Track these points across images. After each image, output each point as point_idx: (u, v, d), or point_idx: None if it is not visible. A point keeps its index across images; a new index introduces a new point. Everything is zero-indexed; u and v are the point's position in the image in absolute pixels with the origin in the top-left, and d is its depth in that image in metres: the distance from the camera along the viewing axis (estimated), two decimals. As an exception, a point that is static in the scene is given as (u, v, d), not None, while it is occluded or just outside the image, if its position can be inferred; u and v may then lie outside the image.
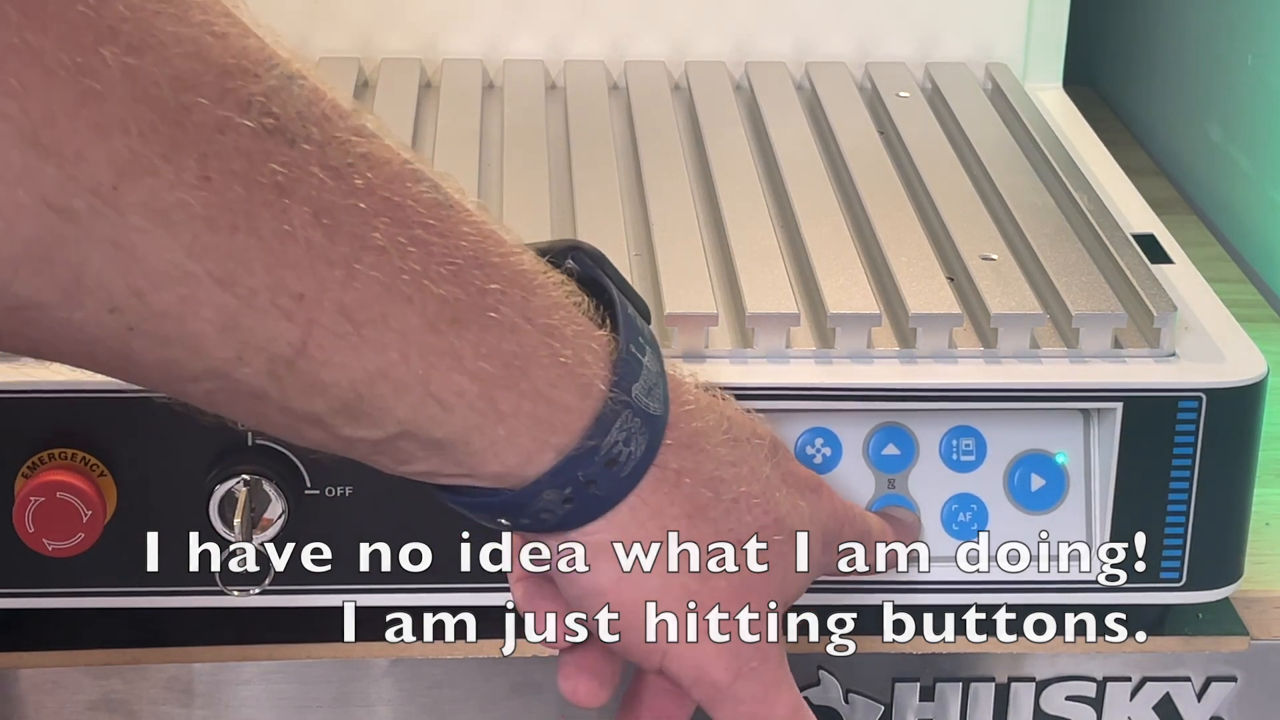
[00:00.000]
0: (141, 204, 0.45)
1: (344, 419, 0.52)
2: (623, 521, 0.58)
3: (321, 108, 0.50)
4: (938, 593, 0.75)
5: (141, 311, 0.47)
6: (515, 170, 0.87)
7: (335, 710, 0.76)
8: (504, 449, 0.54)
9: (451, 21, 1.03)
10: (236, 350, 0.49)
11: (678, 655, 0.60)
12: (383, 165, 0.51)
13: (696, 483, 0.59)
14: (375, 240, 0.50)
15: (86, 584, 0.73)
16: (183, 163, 0.46)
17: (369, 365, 0.51)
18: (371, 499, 0.72)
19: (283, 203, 0.48)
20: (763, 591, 0.61)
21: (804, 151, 0.91)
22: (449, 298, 0.52)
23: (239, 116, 0.47)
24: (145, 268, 0.46)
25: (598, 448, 0.56)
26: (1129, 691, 0.78)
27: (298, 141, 0.48)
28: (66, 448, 0.71)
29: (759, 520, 0.61)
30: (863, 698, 0.78)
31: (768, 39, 1.05)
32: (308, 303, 0.49)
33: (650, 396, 0.57)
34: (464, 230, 0.53)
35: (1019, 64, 1.05)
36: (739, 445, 0.61)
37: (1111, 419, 0.72)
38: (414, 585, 0.74)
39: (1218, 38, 1.17)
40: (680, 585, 0.59)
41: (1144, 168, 1.20)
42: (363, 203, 0.50)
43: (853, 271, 0.77)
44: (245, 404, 0.51)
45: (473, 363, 0.53)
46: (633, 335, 0.58)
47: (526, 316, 0.54)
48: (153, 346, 0.48)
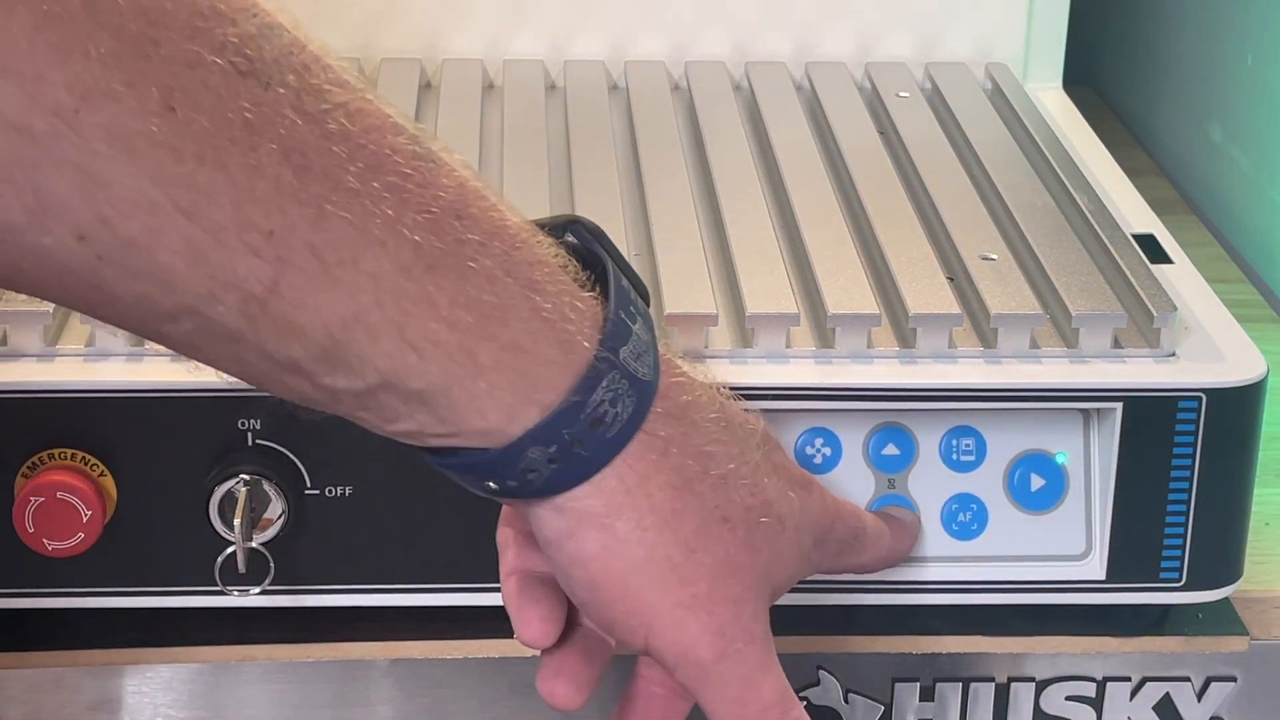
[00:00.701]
0: (103, 128, 0.46)
1: (323, 366, 0.52)
2: (609, 488, 0.57)
3: (301, 58, 0.50)
4: (938, 593, 0.75)
5: (109, 240, 0.47)
6: (515, 170, 0.87)
7: (335, 710, 0.76)
8: (486, 403, 0.54)
9: (451, 21, 1.03)
10: (207, 286, 0.49)
11: (661, 632, 0.59)
12: (361, 115, 0.51)
13: (684, 454, 0.59)
14: (348, 183, 0.50)
15: (86, 584, 0.73)
16: (146, 91, 0.46)
17: (342, 308, 0.51)
18: (371, 499, 0.72)
19: (251, 139, 0.48)
20: (749, 573, 0.60)
21: (804, 151, 0.91)
22: (424, 244, 0.52)
23: (209, 54, 0.47)
24: (110, 194, 0.46)
25: (582, 404, 0.55)
26: (1129, 691, 0.78)
27: (272, 85, 0.49)
28: (66, 448, 0.71)
29: (746, 501, 0.60)
30: (863, 698, 0.78)
31: (768, 39, 1.05)
32: (277, 240, 0.49)
33: (639, 361, 0.57)
34: (443, 182, 0.53)
35: (1019, 64, 1.05)
36: (730, 427, 0.61)
37: (1111, 419, 0.72)
38: (414, 585, 0.74)
39: (1218, 38, 1.17)
40: (665, 558, 0.58)
41: (1144, 168, 1.20)
42: (336, 146, 0.50)
43: (853, 271, 0.77)
44: (223, 347, 0.51)
45: (449, 310, 0.52)
46: (624, 303, 0.58)
47: (506, 270, 0.54)
48: (123, 278, 0.48)
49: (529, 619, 0.62)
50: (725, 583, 0.59)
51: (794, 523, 0.63)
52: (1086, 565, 0.75)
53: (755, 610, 0.60)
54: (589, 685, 0.63)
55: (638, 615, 0.59)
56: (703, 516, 0.59)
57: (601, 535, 0.58)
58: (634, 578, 0.58)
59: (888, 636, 0.77)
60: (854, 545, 0.68)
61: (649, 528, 0.58)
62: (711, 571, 0.59)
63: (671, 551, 0.58)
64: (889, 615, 0.76)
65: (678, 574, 0.59)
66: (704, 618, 0.59)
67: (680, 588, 0.59)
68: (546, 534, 0.59)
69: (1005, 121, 0.96)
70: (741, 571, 0.60)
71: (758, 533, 0.60)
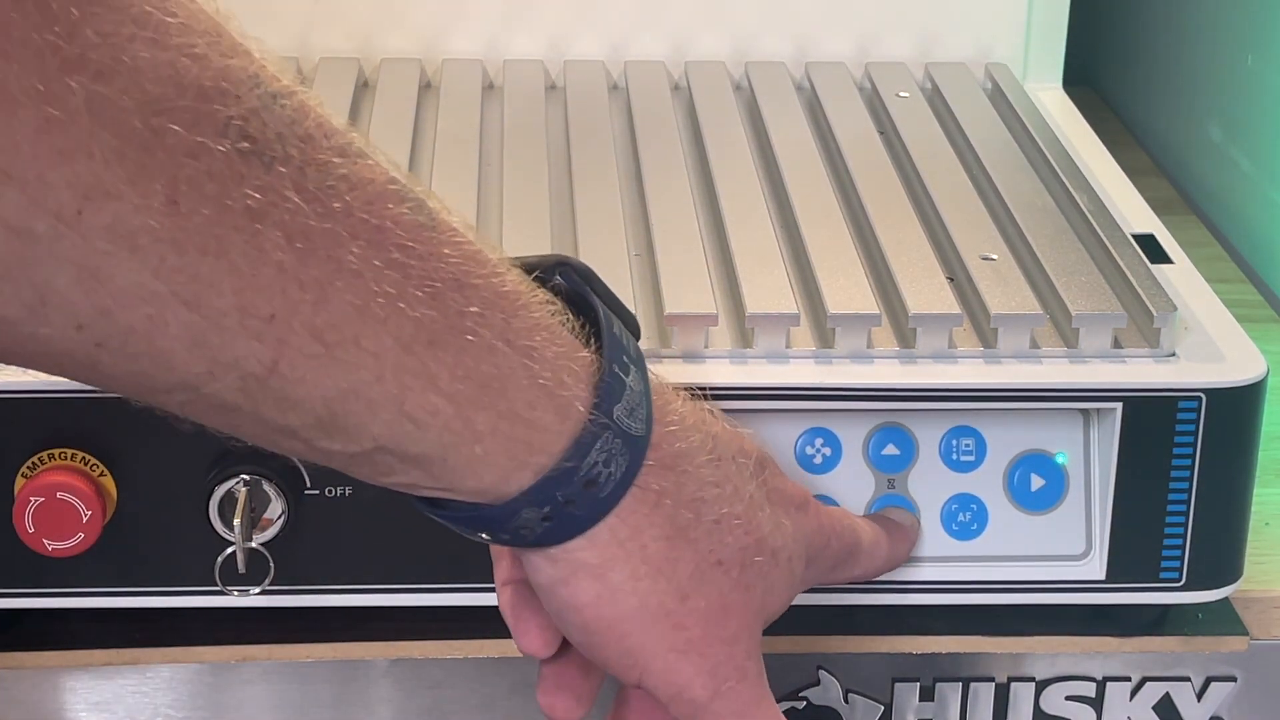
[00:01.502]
0: (106, 227, 0.45)
1: (318, 433, 0.52)
2: (602, 540, 0.58)
3: (305, 127, 0.50)
4: (938, 593, 0.75)
5: (108, 329, 0.47)
6: (515, 170, 0.87)
7: (335, 710, 0.76)
8: (481, 467, 0.55)
9: (451, 21, 1.03)
10: (206, 366, 0.49)
11: (655, 673, 0.60)
12: (364, 186, 0.51)
13: (677, 504, 0.59)
14: (350, 263, 0.50)
15: (86, 584, 0.73)
16: (149, 187, 0.46)
17: (341, 384, 0.51)
18: (371, 499, 0.72)
19: (254, 227, 0.48)
20: (742, 612, 0.61)
21: (804, 151, 0.91)
22: (425, 320, 0.52)
23: (213, 141, 0.47)
24: (111, 289, 0.46)
25: (576, 469, 0.56)
26: (1129, 691, 0.78)
27: (274, 164, 0.48)
28: (66, 448, 0.71)
29: (740, 541, 0.61)
30: (863, 698, 0.78)
31: (768, 39, 1.05)
32: (278, 323, 0.49)
33: (632, 417, 0.57)
34: (445, 252, 0.53)
35: (1019, 64, 1.05)
36: (723, 464, 0.61)
37: (1111, 419, 0.72)
38: (414, 585, 0.74)
39: (1218, 38, 1.17)
40: (658, 605, 0.59)
41: (1144, 168, 1.20)
42: (339, 226, 0.50)
43: (853, 271, 0.77)
44: (219, 415, 0.51)
45: (448, 384, 0.53)
46: (616, 355, 0.58)
47: (506, 339, 0.54)
48: (121, 361, 0.48)
49: (527, 629, 0.62)
50: (719, 624, 0.60)
51: (786, 554, 0.63)
52: (1086, 565, 0.75)
53: (748, 647, 0.61)
54: (589, 698, 0.64)
55: (631, 658, 0.60)
56: (697, 563, 0.59)
57: (595, 585, 0.58)
58: (627, 624, 0.59)
59: (888, 636, 0.77)
60: (848, 560, 0.69)
61: (643, 577, 0.58)
62: (705, 616, 0.60)
63: (665, 599, 0.59)
64: (889, 615, 0.76)
65: (671, 620, 0.59)
66: (697, 660, 0.60)
67: (674, 633, 0.59)
68: (540, 579, 0.59)
69: (1005, 121, 0.96)
70: (735, 612, 0.60)
71: (751, 571, 0.61)
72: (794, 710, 0.78)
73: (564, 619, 0.60)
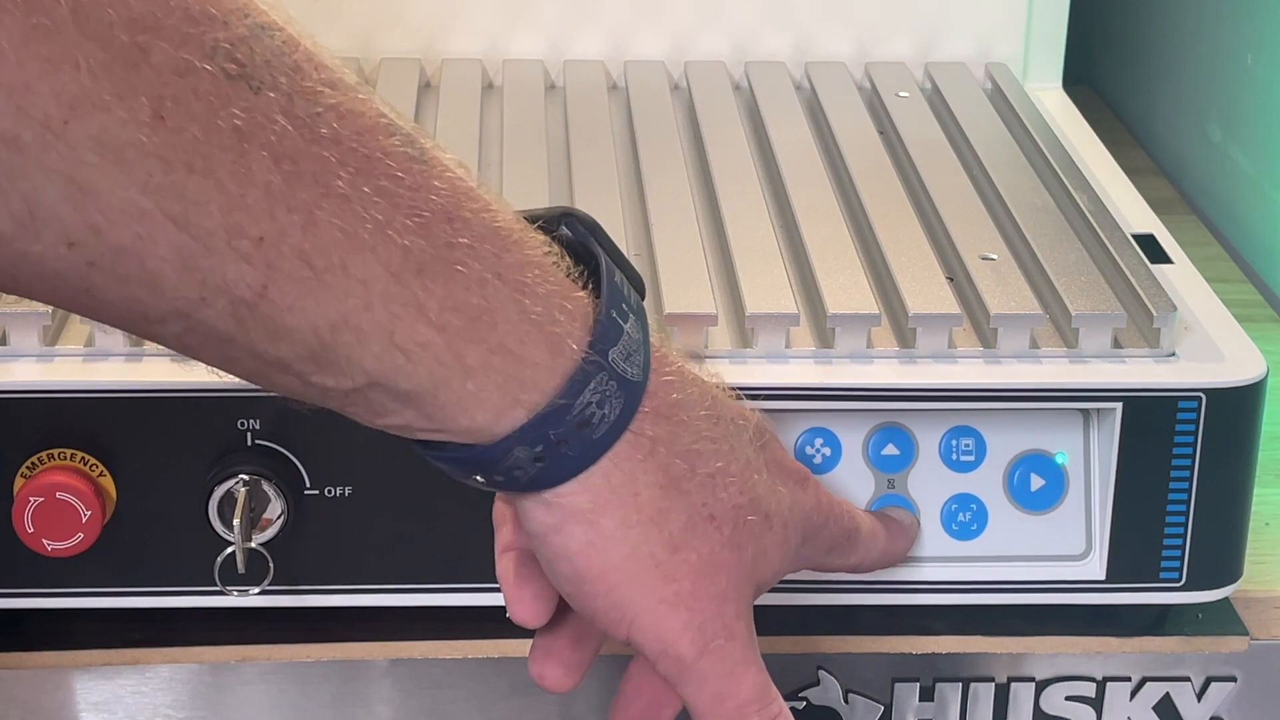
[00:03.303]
0: (92, 138, 0.46)
1: (311, 366, 0.52)
2: (595, 485, 0.58)
3: (294, 58, 0.50)
4: (938, 593, 0.75)
5: (99, 247, 0.47)
6: (515, 170, 0.87)
7: (335, 710, 0.76)
8: (473, 404, 0.55)
9: (451, 21, 1.03)
10: (197, 291, 0.49)
11: (643, 627, 0.59)
12: (354, 117, 0.51)
13: (672, 453, 0.59)
14: (338, 188, 0.50)
15: (86, 584, 0.73)
16: (135, 101, 0.46)
17: (330, 312, 0.51)
18: (371, 499, 0.72)
19: (241, 146, 0.48)
20: (733, 571, 0.60)
21: (804, 151, 0.91)
22: (414, 249, 0.52)
23: (199, 61, 0.47)
24: (100, 203, 0.47)
25: (569, 407, 0.56)
26: (1129, 691, 0.78)
27: (262, 89, 0.49)
28: (66, 448, 0.71)
29: (734, 499, 0.60)
30: (862, 698, 0.78)
31: (767, 39, 1.05)
32: (266, 246, 0.49)
33: (629, 362, 0.57)
34: (435, 185, 0.53)
35: (1019, 64, 1.05)
36: (721, 423, 0.61)
37: (1111, 419, 0.72)
38: (414, 585, 0.74)
39: (1218, 38, 1.17)
40: (649, 556, 0.59)
41: (1144, 168, 1.20)
42: (327, 151, 0.50)
43: (852, 271, 0.77)
44: (213, 347, 0.52)
45: (438, 315, 0.53)
46: (615, 301, 0.58)
47: (497, 272, 0.54)
48: (113, 284, 0.48)
49: (521, 597, 0.63)
50: (709, 580, 0.60)
51: (781, 520, 0.63)
52: (1086, 565, 0.75)
53: (738, 608, 0.61)
54: (579, 669, 0.64)
55: (620, 609, 0.59)
56: (689, 515, 0.59)
57: (587, 531, 0.58)
58: (617, 573, 0.59)
59: (888, 636, 0.77)
60: (845, 545, 0.68)
61: (634, 525, 0.58)
62: (695, 569, 0.59)
63: (656, 549, 0.59)
64: (889, 615, 0.76)
65: (661, 571, 0.59)
66: (685, 614, 0.59)
67: (663, 585, 0.59)
68: (533, 527, 0.59)
69: (1005, 121, 0.96)
70: (726, 569, 0.60)
71: (743, 531, 0.61)
72: (794, 710, 0.78)
73: (555, 569, 0.60)
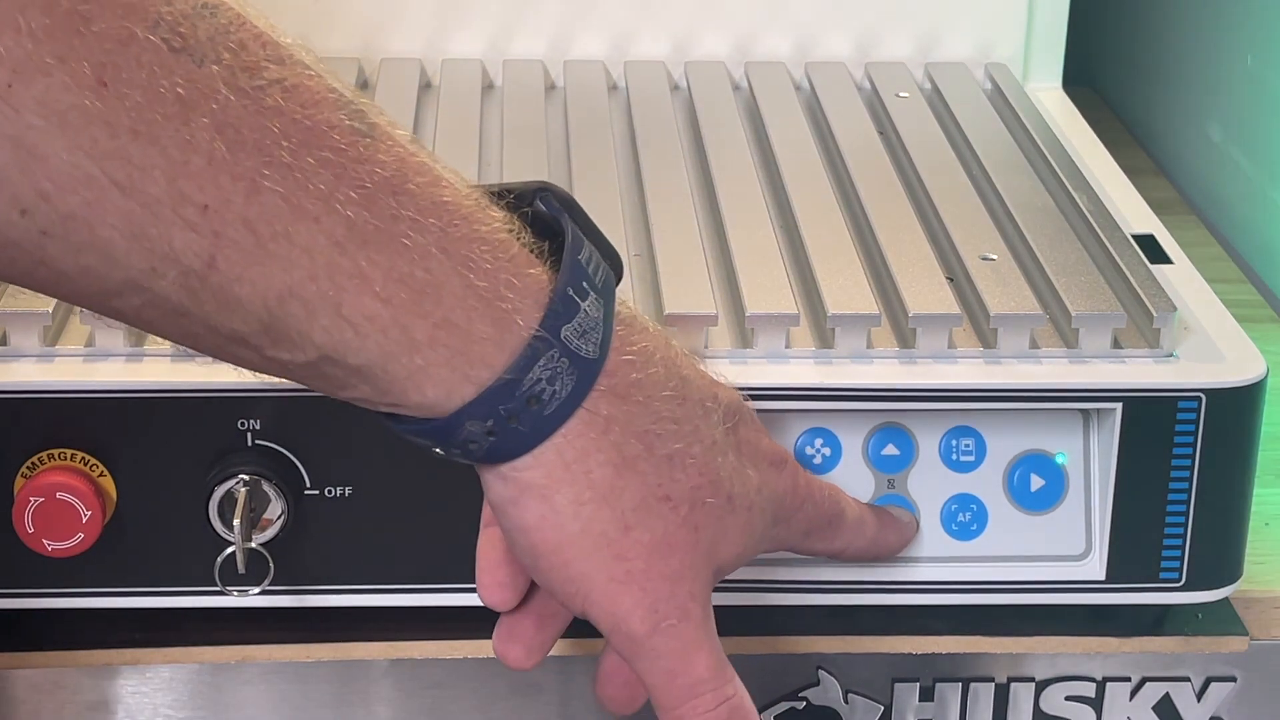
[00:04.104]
0: (37, 101, 0.47)
1: (265, 340, 0.53)
2: (548, 461, 0.58)
3: (239, 36, 0.51)
4: (938, 593, 0.75)
5: (50, 214, 0.48)
6: (515, 170, 0.87)
7: (335, 710, 0.77)
8: (423, 379, 0.55)
9: (452, 21, 1.04)
10: (148, 260, 0.50)
11: (596, 603, 0.60)
12: (300, 91, 0.52)
13: (626, 433, 0.59)
14: (281, 157, 0.51)
15: (86, 584, 0.73)
16: (78, 66, 0.47)
17: (277, 283, 0.52)
18: (371, 499, 0.72)
19: (184, 114, 0.49)
20: (688, 552, 0.61)
21: (804, 151, 0.91)
22: (357, 220, 0.52)
23: (142, 31, 0.48)
24: (46, 168, 0.47)
25: (518, 382, 0.56)
26: (1129, 691, 0.78)
27: (205, 62, 0.49)
28: (66, 448, 0.71)
29: (693, 481, 0.61)
30: (862, 698, 0.78)
31: (768, 39, 1.05)
32: (211, 214, 0.50)
33: (584, 339, 0.57)
34: (380, 158, 0.53)
35: (1019, 64, 1.05)
36: (686, 405, 0.61)
37: (1111, 419, 0.72)
38: (414, 585, 0.74)
39: (1218, 38, 1.17)
40: (601, 534, 0.59)
41: (1144, 168, 1.20)
42: (270, 122, 0.51)
43: (853, 271, 0.77)
44: (172, 321, 0.52)
45: (383, 287, 0.53)
46: (574, 279, 0.58)
47: (442, 247, 0.54)
48: (67, 253, 0.49)
49: (489, 581, 0.64)
50: (662, 560, 0.60)
51: (746, 502, 0.63)
52: (1086, 565, 0.75)
53: (692, 588, 0.61)
54: (541, 650, 0.65)
55: (574, 584, 0.60)
56: (643, 495, 0.59)
57: (540, 506, 0.59)
58: (570, 549, 0.59)
59: (888, 636, 0.77)
60: (825, 530, 0.68)
61: (586, 503, 0.59)
62: (648, 549, 0.60)
63: (608, 527, 0.59)
64: (889, 615, 0.76)
65: (613, 549, 0.59)
66: (637, 593, 0.60)
67: (615, 563, 0.59)
68: (492, 498, 0.60)
69: (1005, 121, 0.96)
70: (680, 550, 0.60)
71: (701, 512, 0.61)
72: (794, 710, 0.78)
73: (514, 540, 0.60)
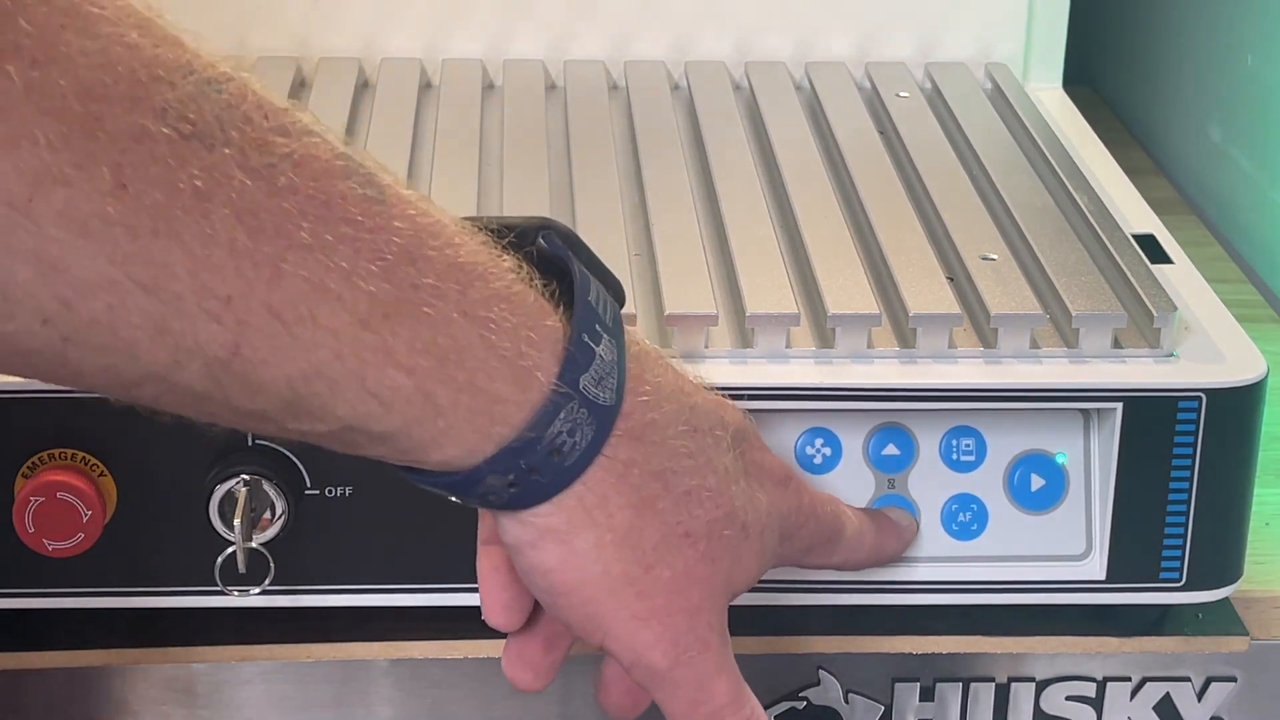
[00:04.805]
0: (58, 214, 0.46)
1: (288, 416, 0.53)
2: (568, 507, 0.58)
3: (244, 110, 0.50)
4: (938, 593, 0.75)
5: (72, 321, 0.47)
6: (515, 170, 0.87)
7: (335, 710, 0.76)
8: (445, 440, 0.55)
9: (452, 21, 1.03)
10: (171, 355, 0.49)
11: (616, 638, 0.60)
12: (309, 163, 0.51)
13: (645, 474, 0.59)
14: (301, 239, 0.50)
15: (86, 584, 0.73)
16: (96, 171, 0.46)
17: (302, 364, 0.51)
18: (371, 499, 0.72)
19: (203, 206, 0.48)
20: (706, 585, 0.61)
21: (804, 151, 0.91)
22: (379, 294, 0.52)
23: (153, 124, 0.47)
24: (69, 278, 0.47)
25: (539, 439, 0.56)
26: (1129, 691, 0.78)
27: (216, 146, 0.49)
28: (66, 448, 0.71)
29: (710, 514, 0.61)
30: (863, 698, 0.78)
31: (768, 39, 1.05)
32: (235, 304, 0.49)
33: (600, 386, 0.57)
34: (395, 225, 0.53)
35: (1019, 64, 1.05)
36: (697, 435, 0.61)
37: (1111, 419, 0.72)
38: (414, 585, 0.74)
39: (1218, 38, 1.17)
40: (622, 573, 0.59)
41: (1144, 168, 1.20)
42: (286, 202, 0.50)
43: (853, 271, 0.77)
44: (191, 404, 0.52)
45: (407, 358, 0.53)
46: (588, 323, 0.58)
47: (462, 310, 0.54)
48: (89, 355, 0.48)
49: (493, 603, 0.64)
50: (682, 595, 0.60)
51: (759, 527, 0.63)
52: (1086, 565, 0.75)
53: (710, 619, 0.61)
54: (549, 672, 0.65)
55: (594, 621, 0.60)
56: (663, 533, 0.60)
57: (560, 549, 0.59)
58: (590, 589, 0.59)
59: (888, 636, 0.77)
60: (827, 545, 0.69)
61: (607, 545, 0.59)
62: (669, 586, 0.60)
63: (629, 567, 0.59)
64: (889, 615, 0.76)
65: (634, 589, 0.59)
66: (658, 628, 0.60)
67: (636, 601, 0.60)
68: (509, 539, 0.60)
69: (1005, 121, 0.96)
70: (699, 583, 0.61)
71: (719, 544, 0.61)
72: (794, 710, 0.78)
73: (531, 579, 0.60)
